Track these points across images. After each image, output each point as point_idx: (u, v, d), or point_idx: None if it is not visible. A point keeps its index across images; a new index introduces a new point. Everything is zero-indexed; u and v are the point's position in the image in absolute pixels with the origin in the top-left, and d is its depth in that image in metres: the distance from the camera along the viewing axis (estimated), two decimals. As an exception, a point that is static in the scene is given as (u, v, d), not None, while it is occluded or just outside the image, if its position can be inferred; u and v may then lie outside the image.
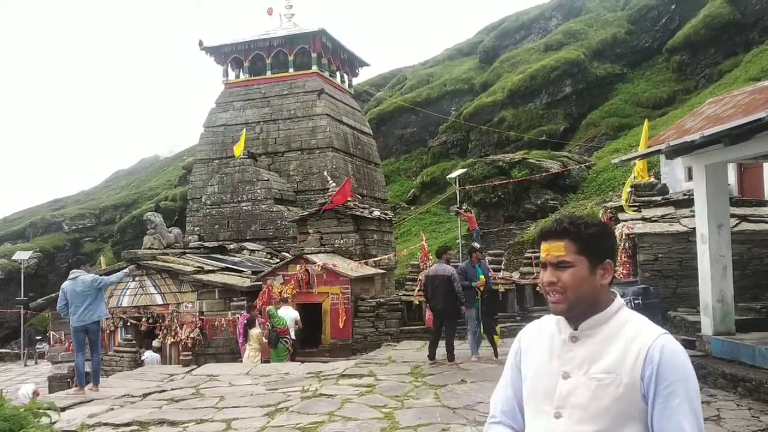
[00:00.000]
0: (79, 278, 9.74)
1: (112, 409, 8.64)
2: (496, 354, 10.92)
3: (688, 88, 35.02)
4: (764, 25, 32.75)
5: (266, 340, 13.16)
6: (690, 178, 17.47)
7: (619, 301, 1.94)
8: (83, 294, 9.53)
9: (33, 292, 34.73)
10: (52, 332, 16.49)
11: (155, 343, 16.05)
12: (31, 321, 35.10)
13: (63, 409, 8.21)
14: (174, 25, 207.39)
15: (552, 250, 1.93)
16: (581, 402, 1.85)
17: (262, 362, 12.73)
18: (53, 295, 18.17)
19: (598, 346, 1.88)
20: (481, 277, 10.88)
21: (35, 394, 11.29)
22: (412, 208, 39.39)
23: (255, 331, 13.07)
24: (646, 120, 16.85)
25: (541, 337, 2.03)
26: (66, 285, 9.66)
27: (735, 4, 33.77)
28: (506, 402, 2.09)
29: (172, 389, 9.89)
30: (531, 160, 28.59)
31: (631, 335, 1.85)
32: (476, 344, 11.08)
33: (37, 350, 28.32)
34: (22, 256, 30.92)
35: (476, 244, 12.62)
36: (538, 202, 27.72)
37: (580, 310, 1.91)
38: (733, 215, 10.49)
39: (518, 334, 2.14)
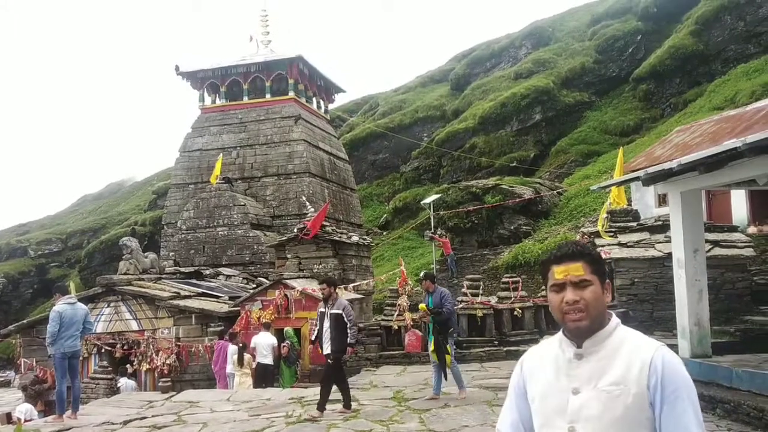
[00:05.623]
0: (78, 304, 9.63)
1: (94, 437, 8.51)
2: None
3: (655, 117, 35.99)
4: (726, 57, 33.96)
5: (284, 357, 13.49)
6: (660, 204, 17.91)
7: (615, 319, 2.10)
8: (80, 321, 9.39)
9: (-4, 318, 33.95)
10: (23, 359, 16.10)
11: (129, 369, 15.80)
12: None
13: (44, 438, 8.08)
14: (146, 49, 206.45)
15: (571, 270, 2.07)
16: (594, 414, 1.98)
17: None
18: (24, 321, 17.85)
19: (604, 361, 2.02)
20: (421, 305, 9.96)
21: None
22: (384, 233, 39.48)
23: (247, 357, 13.05)
24: (621, 148, 17.26)
25: (544, 359, 2.15)
26: (64, 309, 9.27)
27: (698, 36, 34.97)
28: (513, 426, 2.20)
29: (153, 416, 9.76)
30: (504, 186, 29.00)
31: (632, 349, 2.02)
32: (439, 379, 9.76)
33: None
34: (-12, 281, 30.27)
35: (426, 273, 10.70)
36: (512, 227, 28.07)
37: (596, 325, 2.06)
38: (706, 241, 10.79)
39: (519, 360, 2.25)
